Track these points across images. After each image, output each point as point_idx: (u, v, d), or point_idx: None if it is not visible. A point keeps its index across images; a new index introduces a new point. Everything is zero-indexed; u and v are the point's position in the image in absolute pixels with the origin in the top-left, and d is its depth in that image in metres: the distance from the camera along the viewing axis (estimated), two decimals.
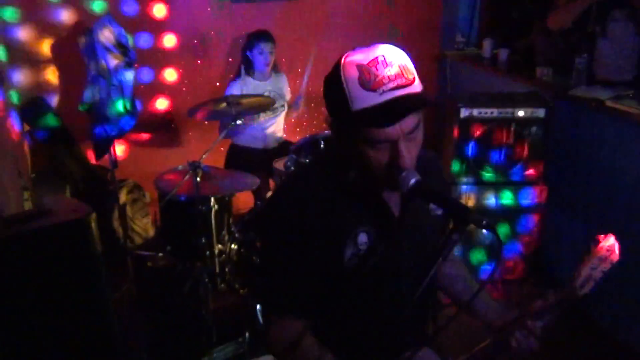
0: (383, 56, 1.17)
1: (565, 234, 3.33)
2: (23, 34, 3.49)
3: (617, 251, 1.26)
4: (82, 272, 1.85)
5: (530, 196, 3.26)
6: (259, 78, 3.73)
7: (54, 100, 3.67)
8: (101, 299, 1.93)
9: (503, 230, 3.27)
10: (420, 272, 1.22)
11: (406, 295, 1.38)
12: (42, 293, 1.82)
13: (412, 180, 1.18)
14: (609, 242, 1.26)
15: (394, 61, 1.17)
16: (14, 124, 3.26)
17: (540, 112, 3.16)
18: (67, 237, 1.82)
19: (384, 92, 1.15)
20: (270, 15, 4.04)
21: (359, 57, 1.18)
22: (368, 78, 1.15)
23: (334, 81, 1.20)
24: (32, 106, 3.57)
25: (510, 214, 3.27)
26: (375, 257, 1.33)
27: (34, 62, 3.58)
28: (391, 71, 1.15)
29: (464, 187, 3.23)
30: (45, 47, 3.56)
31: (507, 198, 3.26)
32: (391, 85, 1.15)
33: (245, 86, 3.69)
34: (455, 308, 1.85)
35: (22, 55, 3.54)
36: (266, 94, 3.63)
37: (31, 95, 3.59)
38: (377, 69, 1.15)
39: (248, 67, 3.72)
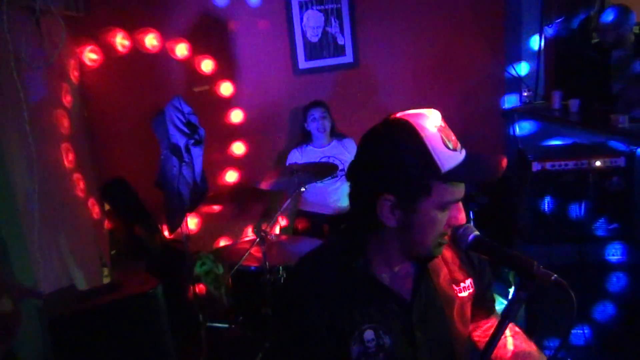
0: (443, 118, 1.17)
1: None
2: None
3: None
4: (150, 341, 1.88)
5: (619, 252, 3.02)
6: (317, 145, 3.81)
7: (132, 180, 3.86)
8: None
9: (591, 289, 3.02)
10: None
11: None
12: None
13: (471, 236, 1.14)
14: None
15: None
16: (95, 204, 3.44)
17: (620, 161, 2.98)
18: (136, 308, 1.87)
19: (461, 149, 1.15)
20: (331, 84, 4.13)
21: (427, 119, 1.14)
22: (448, 138, 1.14)
23: (414, 146, 1.11)
24: (113, 186, 3.77)
25: (598, 272, 3.03)
26: (383, 355, 1.21)
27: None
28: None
29: (543, 245, 3.05)
30: (124, 128, 3.80)
31: (592, 255, 3.03)
32: (459, 144, 1.16)
33: (305, 154, 3.78)
34: None
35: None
36: (323, 160, 3.69)
37: (111, 175, 3.80)
38: (449, 130, 1.16)
39: (306, 135, 3.86)
